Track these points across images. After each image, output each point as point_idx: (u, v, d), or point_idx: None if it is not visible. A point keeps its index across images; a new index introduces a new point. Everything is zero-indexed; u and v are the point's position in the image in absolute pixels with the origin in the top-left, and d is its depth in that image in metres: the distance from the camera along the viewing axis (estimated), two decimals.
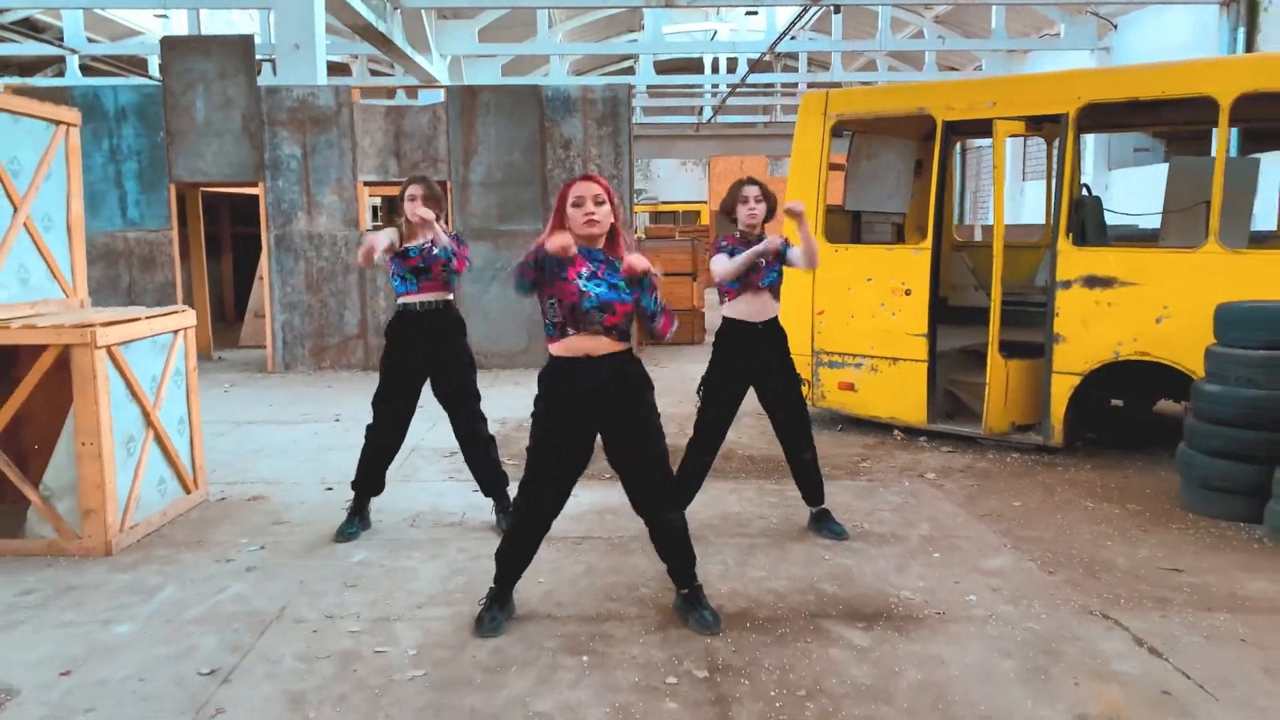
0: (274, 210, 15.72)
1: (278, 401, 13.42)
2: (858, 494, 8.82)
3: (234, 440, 11.15)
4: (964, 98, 10.52)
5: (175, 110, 15.51)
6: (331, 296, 15.77)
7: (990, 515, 8.24)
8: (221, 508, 8.57)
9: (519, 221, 15.89)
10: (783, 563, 7.12)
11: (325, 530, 7.87)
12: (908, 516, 8.19)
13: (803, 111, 11.55)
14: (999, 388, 10.15)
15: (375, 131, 15.67)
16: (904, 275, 10.59)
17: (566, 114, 15.90)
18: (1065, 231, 9.83)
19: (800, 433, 7.75)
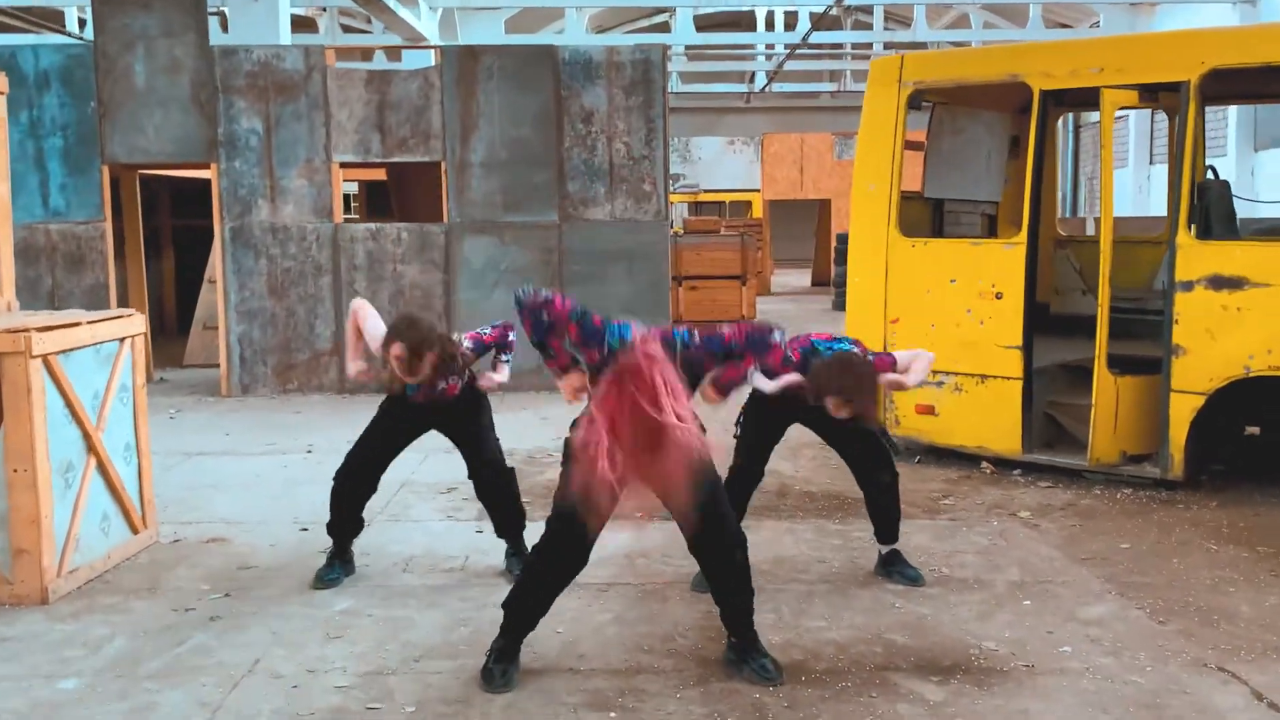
0: (229, 197, 16.14)
1: (236, 429, 13.93)
2: (937, 535, 9.25)
3: (185, 474, 11.66)
4: (1065, 62, 10.90)
5: (109, 75, 15.91)
6: (300, 303, 16.21)
7: (1093, 559, 8.65)
8: (175, 550, 9.06)
9: (528, 211, 16.29)
10: (845, 610, 7.55)
11: (300, 576, 8.32)
12: (995, 560, 8.62)
13: (873, 79, 11.94)
14: (1108, 410, 10.51)
15: (354, 101, 16.09)
16: (995, 275, 10.98)
17: (588, 80, 16.26)
18: (1187, 223, 10.17)
19: (873, 454, 8.08)
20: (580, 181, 16.36)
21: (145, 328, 9.18)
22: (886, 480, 8.10)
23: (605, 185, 16.30)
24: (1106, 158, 10.50)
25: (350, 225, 16.34)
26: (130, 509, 8.81)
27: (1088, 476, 10.85)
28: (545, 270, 16.23)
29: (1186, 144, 10.19)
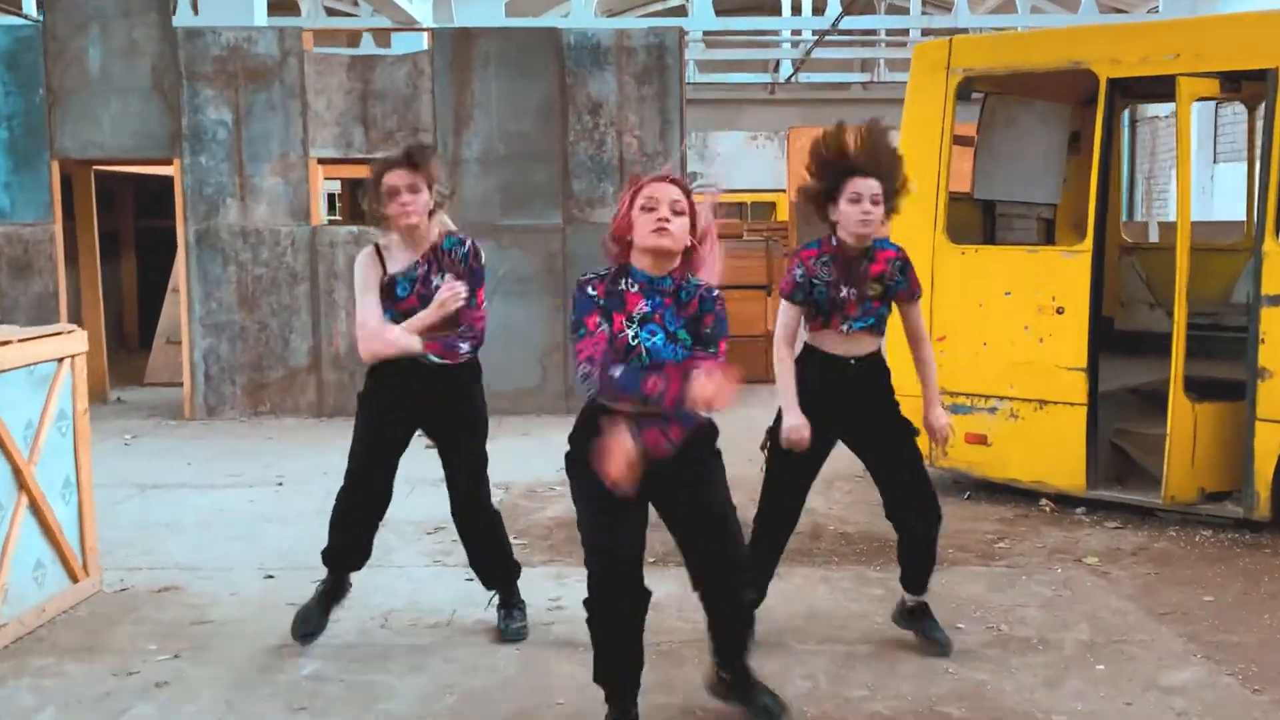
0: (194, 196, 15.74)
1: (198, 458, 13.49)
2: (993, 584, 8.80)
3: (138, 510, 11.24)
4: (1136, 47, 10.47)
5: (60, 60, 15.53)
6: (273, 316, 15.78)
7: (1173, 613, 8.21)
8: (121, 601, 8.61)
9: (530, 213, 15.91)
10: (891, 678, 7.10)
11: (263, 632, 7.88)
12: (1061, 614, 8.17)
13: (917, 66, 11.54)
14: (1184, 442, 10.08)
15: (334, 90, 15.70)
16: (1055, 287, 10.55)
17: (595, 67, 15.89)
18: (1275, 229, 9.75)
19: (915, 493, 7.43)
20: (587, 180, 15.96)
21: (89, 345, 8.74)
22: (920, 526, 7.42)
23: (614, 184, 15.79)
24: (1184, 154, 10.11)
25: (330, 229, 15.96)
26: (69, 554, 8.37)
27: (1161, 516, 10.42)
28: (548, 278, 15.90)
29: (1275, 140, 9.76)
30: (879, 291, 7.24)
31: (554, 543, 10.00)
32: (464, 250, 7.32)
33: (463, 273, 7.23)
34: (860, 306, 7.19)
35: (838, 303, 7.16)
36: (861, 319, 7.21)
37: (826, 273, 7.19)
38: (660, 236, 5.67)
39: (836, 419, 7.34)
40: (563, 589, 8.69)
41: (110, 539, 9.90)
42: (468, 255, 7.33)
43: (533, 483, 12.05)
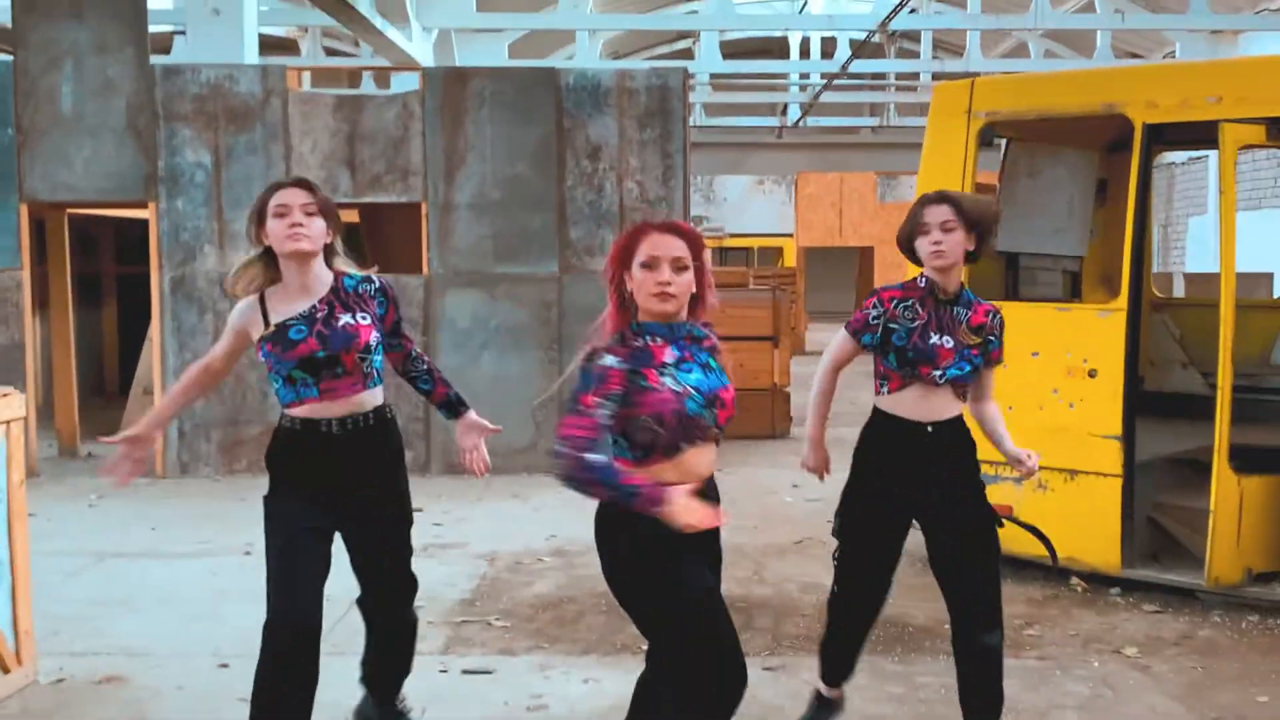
0: (170, 242, 14.99)
1: (165, 522, 12.63)
2: (1026, 681, 7.92)
3: (91, 582, 10.40)
4: (1175, 90, 9.71)
5: (30, 98, 14.81)
6: (251, 369, 14.76)
7: (1224, 717, 7.35)
8: (55, 695, 7.74)
9: (524, 261, 15.14)
10: None
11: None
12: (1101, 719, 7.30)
13: (936, 109, 10.80)
14: (1229, 517, 9.27)
15: (319, 131, 14.96)
16: (1087, 348, 9.77)
17: (595, 109, 15.18)
18: None
19: (981, 599, 6.49)
20: (585, 226, 15.19)
21: (23, 410, 7.87)
22: (989, 644, 6.45)
23: (614, 231, 15.04)
24: (1228, 204, 9.31)
25: None
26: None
27: (1203, 599, 9.59)
28: (543, 330, 15.16)
29: None
30: (978, 342, 6.46)
31: (539, 625, 9.16)
32: (373, 286, 6.11)
33: (374, 311, 6.04)
34: (957, 354, 6.38)
35: (928, 351, 6.35)
36: (956, 366, 6.38)
37: (910, 316, 6.40)
38: (663, 302, 5.00)
39: (910, 493, 6.51)
40: (547, 684, 7.87)
41: (58, 616, 9.16)
42: (380, 289, 6.13)
43: (520, 552, 11.24)
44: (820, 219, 34.28)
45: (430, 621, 9.08)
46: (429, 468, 14.77)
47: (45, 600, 9.45)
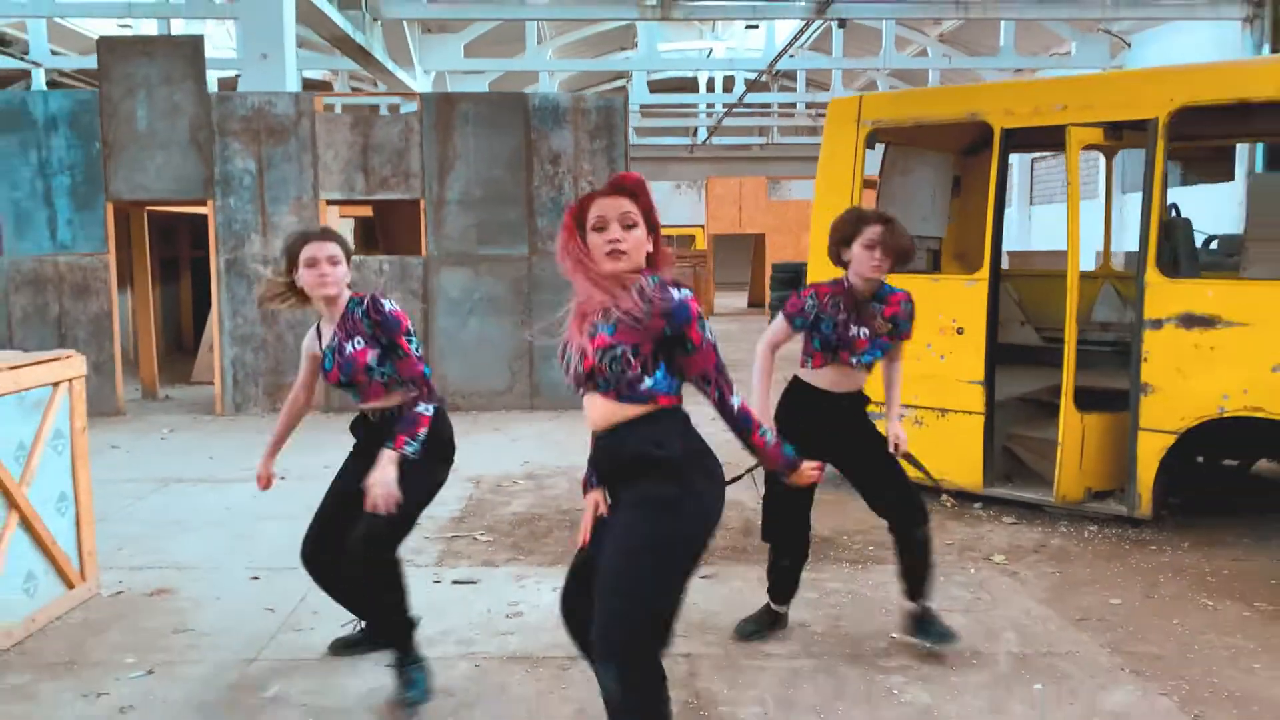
0: (224, 232, 13.92)
1: (220, 452, 11.57)
2: None
3: (155, 505, 9.33)
4: (1028, 100, 8.75)
5: (113, 119, 13.69)
6: (289, 329, 13.92)
7: (1089, 619, 6.44)
8: (113, 606, 6.71)
9: (501, 244, 14.11)
10: (839, 701, 5.28)
11: (237, 644, 6.04)
12: (985, 622, 6.37)
13: (831, 119, 9.81)
14: (1074, 447, 8.36)
15: (339, 144, 13.88)
16: (956, 311, 8.83)
17: (555, 125, 14.14)
18: (1154, 260, 8.04)
19: (904, 502, 5.88)
20: (549, 217, 14.14)
21: (84, 369, 6.83)
22: (919, 535, 5.84)
23: None
24: (1073, 194, 8.36)
25: None
26: (64, 564, 6.51)
27: (1050, 512, 8.68)
28: (516, 300, 14.15)
29: (1155, 181, 8.04)
30: (889, 329, 5.88)
31: (516, 540, 8.15)
32: (361, 309, 5.20)
33: (364, 332, 5.19)
34: (871, 343, 5.82)
35: (848, 340, 5.80)
36: (870, 354, 5.85)
37: (835, 310, 5.81)
38: (616, 260, 3.91)
39: (826, 446, 5.67)
40: (522, 593, 6.90)
41: (125, 536, 8.23)
42: (366, 312, 5.18)
43: (500, 476, 10.25)
44: (725, 213, 33.44)
45: (426, 537, 8.13)
46: None
47: (116, 522, 8.51)
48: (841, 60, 31.15)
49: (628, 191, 3.99)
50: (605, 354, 3.87)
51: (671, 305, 3.86)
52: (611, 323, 3.88)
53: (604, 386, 3.93)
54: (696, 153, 46.27)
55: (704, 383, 3.99)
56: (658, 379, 3.94)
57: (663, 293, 3.87)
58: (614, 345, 3.86)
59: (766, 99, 39.08)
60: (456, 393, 13.97)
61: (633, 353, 3.87)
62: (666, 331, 3.88)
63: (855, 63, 32.36)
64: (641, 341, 3.87)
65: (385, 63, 22.83)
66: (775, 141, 45.97)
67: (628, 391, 3.92)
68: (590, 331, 3.90)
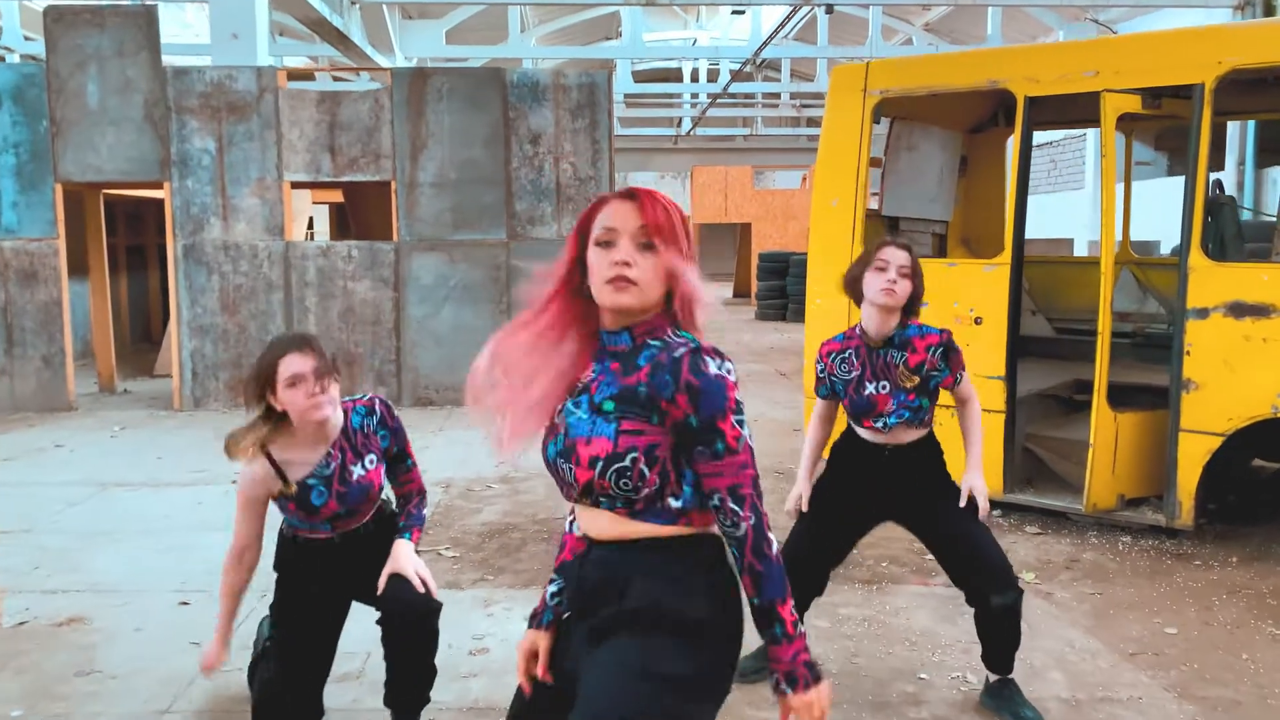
0: (182, 215, 12.87)
1: (170, 451, 10.50)
2: (940, 612, 5.99)
3: (86, 513, 8.27)
4: (1054, 66, 7.73)
5: (62, 95, 12.62)
6: (251, 319, 12.91)
7: (1143, 653, 5.46)
8: (13, 640, 5.64)
9: (477, 229, 13.10)
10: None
11: (150, 689, 5.02)
12: (1024, 657, 5.31)
13: (835, 88, 8.79)
14: (1106, 450, 7.36)
15: (305, 122, 12.85)
16: (974, 299, 7.84)
17: (535, 102, 13.14)
18: (1199, 243, 7.06)
19: (984, 572, 4.67)
20: (528, 201, 13.15)
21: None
22: (998, 604, 4.63)
23: (552, 204, 13.14)
24: (1109, 169, 7.33)
25: (301, 243, 13.24)
26: None
27: (1077, 521, 7.69)
28: (494, 287, 13.16)
29: (1200, 155, 7.04)
30: (915, 384, 4.70)
31: (485, 555, 7.11)
32: (374, 419, 4.34)
33: (379, 448, 4.33)
34: (894, 400, 4.70)
35: (865, 402, 4.76)
36: (896, 414, 4.72)
37: (846, 369, 4.82)
38: (618, 291, 2.60)
39: (875, 503, 4.87)
40: (489, 622, 5.89)
41: (45, 548, 7.24)
42: (381, 422, 4.35)
43: (472, 479, 9.26)
44: (710, 202, 32.76)
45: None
46: (400, 400, 12.80)
47: (40, 533, 7.54)
48: (827, 49, 30.28)
49: (654, 209, 2.67)
50: (607, 466, 2.61)
51: (703, 383, 2.57)
52: (613, 415, 2.63)
53: (609, 505, 2.68)
54: (681, 143, 45.43)
55: (731, 501, 2.58)
56: (687, 495, 2.66)
57: (693, 364, 2.58)
58: (619, 454, 2.60)
59: (751, 88, 38.18)
60: (429, 386, 12.99)
61: (647, 461, 2.61)
62: (691, 421, 2.57)
63: (841, 52, 31.48)
64: (659, 440, 2.62)
65: (364, 48, 21.86)
66: (759, 133, 45.21)
67: (645, 509, 2.67)
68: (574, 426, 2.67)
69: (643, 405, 2.58)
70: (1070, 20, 26.75)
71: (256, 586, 4.53)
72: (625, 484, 2.59)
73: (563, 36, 35.64)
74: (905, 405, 4.67)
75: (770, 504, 6.93)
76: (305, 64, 32.39)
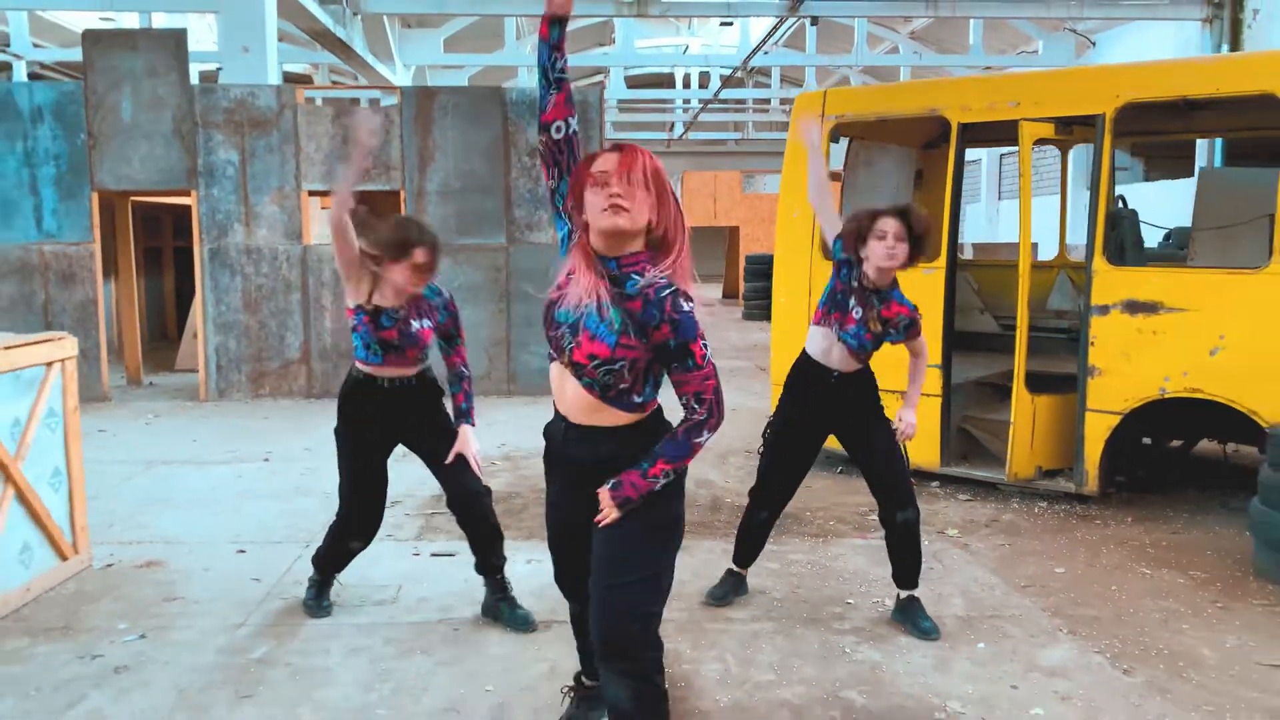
0: (208, 221, 14.11)
1: (203, 436, 11.78)
2: (872, 558, 7.29)
3: (141, 485, 9.55)
4: (983, 96, 9.06)
5: (98, 110, 13.86)
6: (271, 317, 14.18)
7: (1033, 586, 6.76)
8: (105, 578, 6.94)
9: (479, 234, 14.35)
10: (795, 658, 5.59)
11: (225, 610, 6.30)
12: (936, 588, 6.67)
13: (797, 113, 10.08)
14: (1025, 428, 8.69)
15: (321, 136, 14.10)
16: (914, 298, 9.03)
17: (532, 118, 14.33)
18: (1101, 249, 8.37)
19: (891, 487, 6.08)
20: (525, 208, 14.40)
21: (75, 350, 7.06)
22: (903, 520, 6.04)
23: (549, 211, 14.33)
24: (1025, 186, 8.66)
25: (318, 246, 14.39)
26: (57, 536, 6.75)
27: (1004, 490, 9.00)
28: (493, 287, 14.41)
29: (1102, 174, 8.37)
30: (878, 331, 5.95)
31: None
32: (441, 300, 5.99)
33: (437, 321, 5.95)
34: (857, 325, 5.92)
35: (842, 307, 5.95)
36: (850, 336, 5.94)
37: (851, 282, 5.94)
38: (615, 215, 3.53)
39: (823, 416, 6.16)
40: None
41: (110, 513, 8.42)
42: (446, 305, 6.01)
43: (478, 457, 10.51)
44: (700, 205, 33.79)
45: (407, 514, 8.38)
46: None
47: (106, 499, 8.72)
48: (815, 57, 31.42)
49: (631, 154, 3.61)
50: (602, 365, 3.65)
51: (681, 317, 3.59)
52: (615, 328, 3.62)
53: (587, 385, 3.76)
54: (673, 147, 46.23)
55: (694, 401, 3.67)
56: (647, 394, 3.83)
57: (674, 303, 3.59)
58: (614, 360, 3.64)
59: (741, 94, 39.21)
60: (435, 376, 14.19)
61: (630, 369, 3.67)
62: (670, 344, 3.61)
63: (828, 59, 32.64)
64: (641, 355, 3.66)
65: (365, 57, 22.98)
66: (750, 136, 46.21)
67: (614, 398, 3.77)
68: (588, 320, 3.67)
69: (638, 328, 3.60)
70: (1050, 31, 27.96)
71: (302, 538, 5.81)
72: (608, 379, 3.68)
73: None
74: (859, 338, 5.88)
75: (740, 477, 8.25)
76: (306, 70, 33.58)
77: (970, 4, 23.06)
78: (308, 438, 11.21)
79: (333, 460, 6.10)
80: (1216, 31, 22.35)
